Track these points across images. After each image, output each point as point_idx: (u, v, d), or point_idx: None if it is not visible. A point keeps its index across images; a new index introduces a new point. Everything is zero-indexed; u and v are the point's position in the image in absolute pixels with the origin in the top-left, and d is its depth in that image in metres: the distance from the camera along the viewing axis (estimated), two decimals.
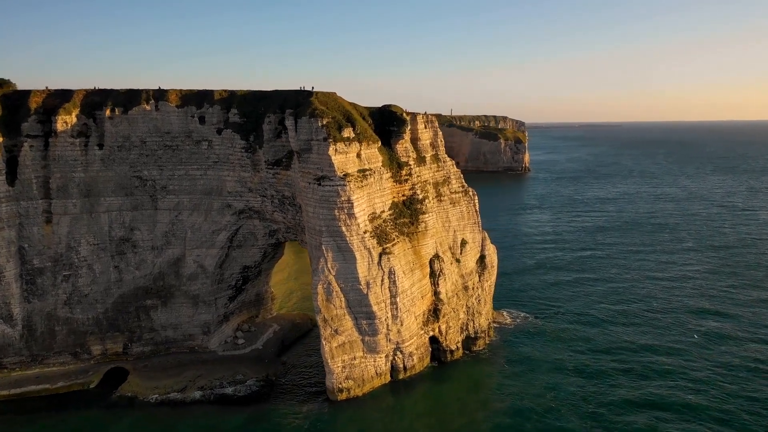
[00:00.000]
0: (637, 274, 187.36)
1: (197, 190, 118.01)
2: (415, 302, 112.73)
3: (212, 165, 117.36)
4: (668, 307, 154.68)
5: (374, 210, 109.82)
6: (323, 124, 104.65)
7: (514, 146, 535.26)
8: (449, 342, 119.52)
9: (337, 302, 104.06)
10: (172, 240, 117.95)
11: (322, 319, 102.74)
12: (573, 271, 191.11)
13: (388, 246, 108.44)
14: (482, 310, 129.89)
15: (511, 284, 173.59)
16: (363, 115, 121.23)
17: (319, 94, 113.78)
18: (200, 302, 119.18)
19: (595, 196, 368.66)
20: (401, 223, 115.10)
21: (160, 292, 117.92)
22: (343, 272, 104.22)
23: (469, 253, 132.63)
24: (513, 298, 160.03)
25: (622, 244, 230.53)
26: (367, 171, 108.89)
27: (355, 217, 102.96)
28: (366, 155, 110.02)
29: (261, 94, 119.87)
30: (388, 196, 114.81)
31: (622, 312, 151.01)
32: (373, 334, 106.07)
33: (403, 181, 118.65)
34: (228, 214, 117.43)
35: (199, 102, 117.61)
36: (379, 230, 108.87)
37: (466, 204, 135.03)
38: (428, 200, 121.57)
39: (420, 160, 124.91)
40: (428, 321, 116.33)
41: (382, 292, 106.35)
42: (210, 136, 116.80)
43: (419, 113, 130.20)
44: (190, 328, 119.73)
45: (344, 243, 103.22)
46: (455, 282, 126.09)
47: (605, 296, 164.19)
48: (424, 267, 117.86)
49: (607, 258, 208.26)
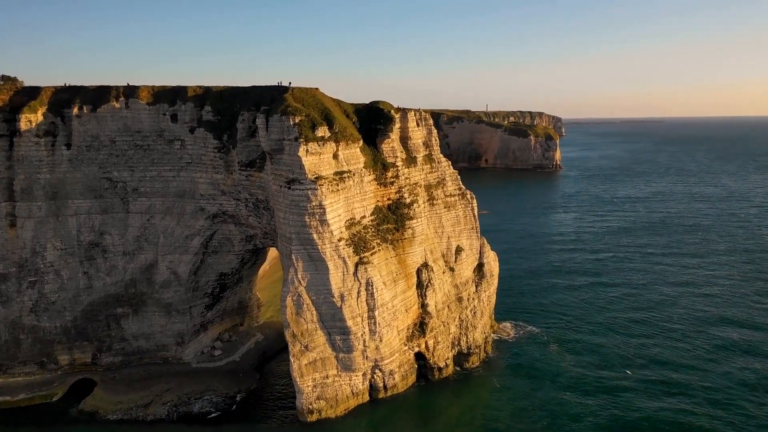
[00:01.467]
0: (659, 279, 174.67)
1: (170, 192, 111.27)
2: (397, 316, 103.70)
3: (185, 166, 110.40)
4: (690, 317, 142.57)
5: (353, 215, 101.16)
6: (295, 123, 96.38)
7: (544, 143, 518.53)
8: (437, 359, 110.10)
9: (308, 316, 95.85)
10: (145, 245, 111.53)
11: (290, 335, 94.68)
12: (589, 275, 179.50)
13: (367, 255, 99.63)
14: (478, 323, 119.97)
15: (519, 291, 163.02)
16: (347, 112, 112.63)
17: (295, 90, 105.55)
18: (173, 311, 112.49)
19: (625, 195, 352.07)
20: (385, 230, 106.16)
21: (132, 300, 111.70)
22: (314, 283, 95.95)
23: (464, 261, 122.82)
24: (519, 308, 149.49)
25: (647, 246, 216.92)
26: (346, 173, 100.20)
27: (327, 224, 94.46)
28: (345, 156, 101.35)
29: (237, 90, 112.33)
30: (371, 200, 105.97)
31: (638, 322, 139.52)
32: (348, 350, 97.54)
33: (389, 183, 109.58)
34: (201, 218, 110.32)
35: (172, 99, 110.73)
36: (358, 237, 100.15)
37: (462, 208, 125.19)
38: (417, 204, 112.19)
39: (410, 161, 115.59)
40: (413, 336, 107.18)
41: (359, 305, 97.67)
42: (182, 135, 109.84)
43: (411, 109, 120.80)
44: (163, 338, 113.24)
45: (316, 252, 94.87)
46: (447, 293, 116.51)
47: (620, 304, 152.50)
48: (410, 277, 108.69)
49: (627, 261, 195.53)
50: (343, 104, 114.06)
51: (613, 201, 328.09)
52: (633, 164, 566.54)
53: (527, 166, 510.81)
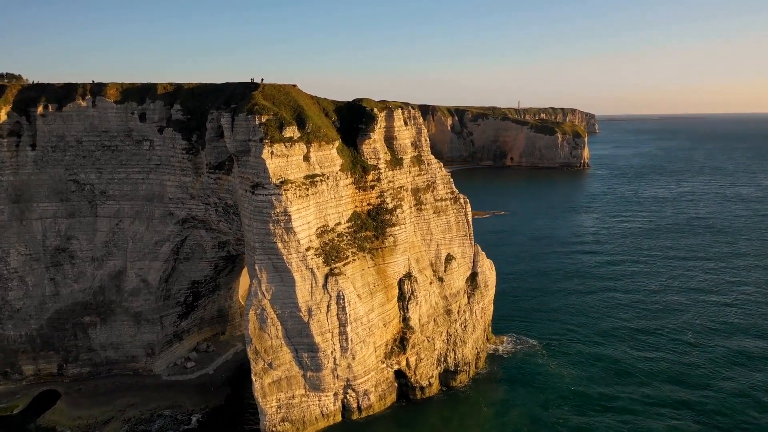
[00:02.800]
0: (677, 285, 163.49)
1: (139, 195, 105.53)
2: (373, 331, 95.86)
3: (154, 168, 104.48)
4: (706, 328, 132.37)
5: (326, 222, 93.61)
6: (261, 122, 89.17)
7: (572, 140, 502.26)
8: (420, 377, 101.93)
9: (273, 331, 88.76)
10: (114, 251, 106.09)
11: (253, 351, 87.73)
12: (602, 281, 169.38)
13: (339, 265, 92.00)
14: (468, 338, 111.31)
15: (523, 299, 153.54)
16: (327, 111, 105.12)
17: (267, 87, 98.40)
18: (143, 320, 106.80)
19: (653, 195, 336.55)
20: (362, 238, 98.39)
21: (100, 309, 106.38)
22: (280, 296, 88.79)
23: (455, 271, 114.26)
24: (521, 317, 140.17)
25: (669, 250, 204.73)
26: (318, 177, 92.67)
27: (294, 232, 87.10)
28: (318, 158, 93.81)
29: (210, 87, 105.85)
30: (348, 206, 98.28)
31: (648, 333, 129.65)
32: (317, 369, 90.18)
33: (369, 187, 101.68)
34: (171, 223, 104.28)
35: (141, 97, 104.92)
36: (330, 246, 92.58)
37: (454, 213, 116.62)
38: (401, 210, 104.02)
39: (395, 163, 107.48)
40: (392, 353, 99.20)
41: (329, 320, 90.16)
42: (151, 136, 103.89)
43: (399, 107, 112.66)
44: (133, 349, 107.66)
45: (281, 262, 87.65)
46: (434, 305, 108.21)
47: (632, 313, 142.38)
48: (390, 289, 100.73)
49: (645, 266, 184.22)
50: (322, 102, 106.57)
51: (639, 201, 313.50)
52: (665, 162, 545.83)
53: (554, 165, 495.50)
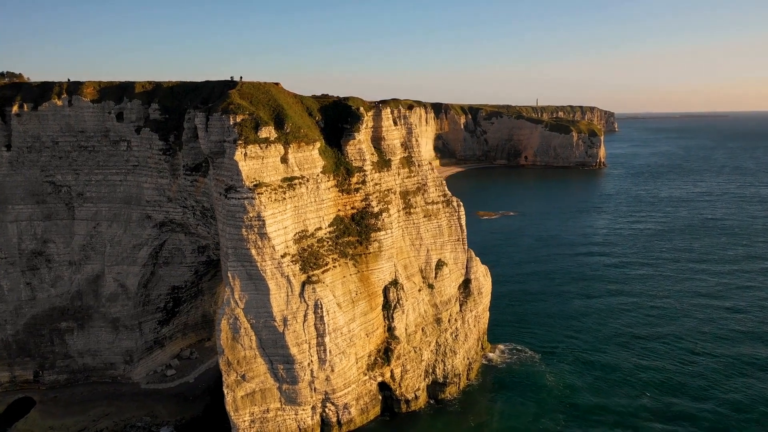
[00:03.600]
0: (686, 290, 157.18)
1: (117, 198, 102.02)
2: (354, 341, 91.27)
3: (132, 169, 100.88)
4: (716, 336, 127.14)
5: (305, 227, 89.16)
6: (235, 122, 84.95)
7: (587, 139, 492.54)
8: (405, 389, 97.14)
9: (246, 342, 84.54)
10: (91, 254, 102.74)
11: (225, 363, 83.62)
12: (608, 285, 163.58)
13: (317, 273, 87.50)
14: (459, 348, 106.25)
15: (524, 305, 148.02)
16: (310, 110, 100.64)
17: (245, 85, 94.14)
18: (121, 327, 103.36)
19: (669, 195, 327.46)
20: (345, 243, 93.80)
21: (77, 314, 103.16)
22: (254, 305, 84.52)
23: (447, 278, 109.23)
24: (521, 324, 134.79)
25: (680, 252, 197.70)
26: (297, 179, 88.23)
27: (268, 238, 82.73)
28: (297, 159, 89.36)
29: (189, 85, 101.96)
30: (330, 210, 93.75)
31: (653, 343, 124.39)
32: (293, 381, 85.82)
33: (354, 190, 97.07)
34: (148, 226, 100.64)
35: (118, 96, 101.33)
36: (308, 253, 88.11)
37: (446, 217, 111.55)
38: (387, 214, 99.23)
39: (382, 165, 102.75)
40: (375, 364, 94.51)
41: (305, 330, 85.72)
42: (128, 136, 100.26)
43: (388, 106, 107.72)
44: (110, 356, 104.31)
45: (255, 269, 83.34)
46: (423, 313, 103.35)
47: (637, 321, 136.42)
48: (375, 297, 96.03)
49: (654, 270, 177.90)
50: (306, 101, 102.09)
51: (653, 202, 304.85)
52: (684, 162, 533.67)
53: (569, 164, 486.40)
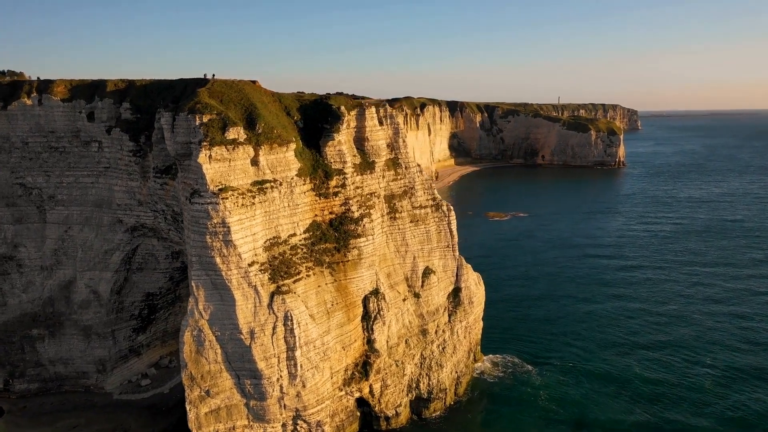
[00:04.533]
0: (698, 297, 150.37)
1: (88, 201, 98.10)
2: (329, 355, 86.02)
3: (103, 171, 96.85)
4: (726, 349, 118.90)
5: (277, 234, 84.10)
6: (202, 123, 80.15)
7: (606, 138, 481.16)
8: (385, 405, 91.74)
9: (211, 355, 79.82)
10: (63, 259, 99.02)
11: (188, 377, 79.09)
12: (615, 292, 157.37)
13: (287, 282, 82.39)
14: (446, 361, 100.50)
15: (526, 311, 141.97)
16: (289, 110, 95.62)
17: (217, 83, 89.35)
18: (93, 335, 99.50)
19: (688, 196, 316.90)
20: (321, 250, 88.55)
21: (49, 321, 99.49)
22: (219, 316, 79.71)
23: (435, 286, 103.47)
24: (519, 333, 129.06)
25: (695, 256, 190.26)
26: (268, 183, 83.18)
27: (234, 246, 77.78)
28: (269, 162, 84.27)
29: (163, 84, 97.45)
30: (306, 215, 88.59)
31: (659, 353, 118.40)
32: (261, 398, 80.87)
33: (332, 194, 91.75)
34: (120, 231, 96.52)
35: (89, 95, 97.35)
36: (279, 261, 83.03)
37: (435, 222, 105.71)
38: (369, 219, 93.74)
39: (365, 167, 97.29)
40: (353, 379, 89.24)
41: (274, 343, 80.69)
42: (99, 136, 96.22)
43: (372, 105, 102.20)
44: (83, 365, 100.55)
45: (220, 279, 78.46)
46: (407, 324, 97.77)
47: (643, 329, 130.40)
48: (353, 307, 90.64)
49: (665, 274, 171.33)
50: (285, 100, 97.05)
51: (671, 203, 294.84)
52: (707, 161, 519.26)
53: (587, 164, 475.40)
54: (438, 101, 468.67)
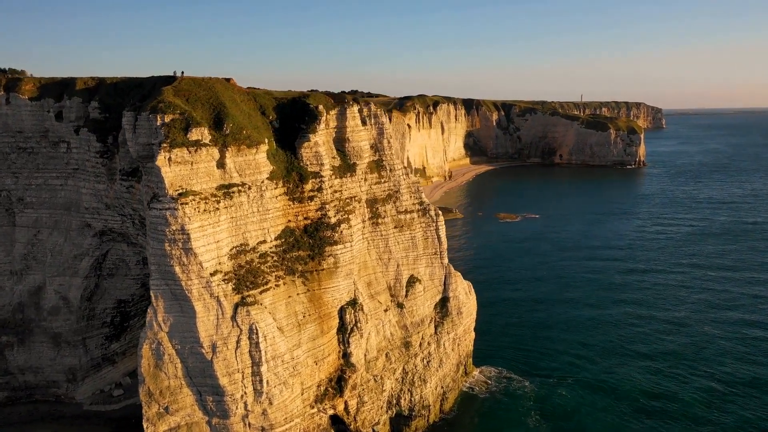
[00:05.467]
0: (709, 310, 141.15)
1: (58, 203, 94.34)
2: (299, 370, 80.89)
3: (72, 173, 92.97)
4: (741, 364, 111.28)
5: (245, 241, 79.19)
6: (163, 123, 75.54)
7: (626, 137, 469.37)
8: (362, 424, 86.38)
9: (171, 370, 75.21)
10: (33, 264, 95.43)
11: (145, 393, 74.61)
12: (625, 293, 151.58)
13: (253, 293, 77.42)
14: (431, 376, 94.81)
15: (526, 319, 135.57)
16: (264, 109, 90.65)
17: (185, 80, 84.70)
18: (63, 342, 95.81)
19: (709, 197, 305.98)
20: (294, 258, 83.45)
21: (18, 328, 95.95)
22: (179, 329, 75.04)
23: (420, 296, 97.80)
24: (516, 343, 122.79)
25: (711, 259, 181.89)
26: (235, 187, 78.30)
27: (194, 254, 72.97)
28: (237, 164, 79.36)
29: (134, 81, 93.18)
30: (278, 220, 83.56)
31: (667, 367, 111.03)
32: (223, 415, 76.06)
33: (307, 198, 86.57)
34: (89, 235, 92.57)
35: (58, 93, 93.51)
36: (246, 270, 78.09)
37: (422, 228, 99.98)
38: (347, 225, 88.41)
39: (345, 169, 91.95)
40: (326, 395, 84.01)
41: (238, 358, 75.78)
42: (68, 137, 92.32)
43: (355, 103, 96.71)
44: (53, 374, 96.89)
45: (179, 289, 73.75)
46: (389, 336, 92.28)
47: (650, 340, 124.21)
48: (328, 319, 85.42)
49: (678, 280, 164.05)
50: (261, 99, 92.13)
51: (691, 205, 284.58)
52: (732, 160, 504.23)
53: (606, 163, 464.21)
54: (453, 99, 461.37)
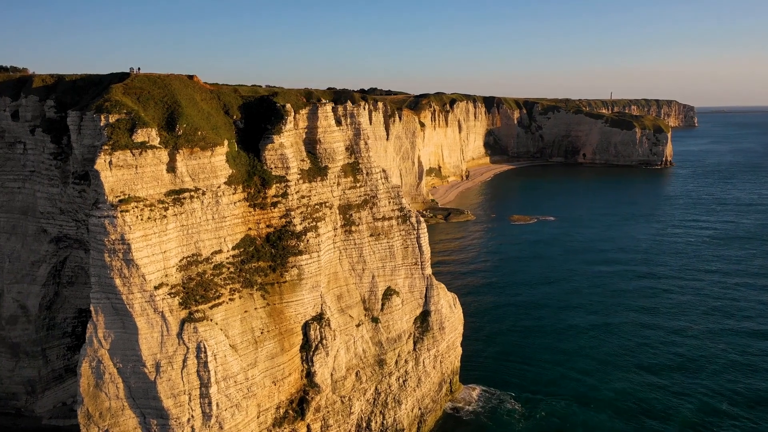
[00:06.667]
0: (726, 320, 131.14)
1: (15, 207, 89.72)
2: (255, 391, 74.67)
3: (29, 175, 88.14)
4: (748, 378, 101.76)
5: (197, 251, 73.20)
6: (107, 123, 69.94)
7: (652, 136, 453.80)
8: None
9: (112, 390, 69.58)
10: None
11: (84, 415, 68.94)
12: (635, 300, 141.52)
13: (203, 308, 71.36)
14: (407, 396, 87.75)
15: (522, 331, 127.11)
16: (228, 108, 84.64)
17: (138, 78, 79.03)
18: (21, 353, 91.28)
19: (736, 199, 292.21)
20: (253, 269, 77.23)
21: None
22: (120, 346, 69.37)
23: (398, 310, 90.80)
24: (510, 358, 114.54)
25: (728, 266, 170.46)
26: (187, 192, 72.40)
27: (136, 266, 67.16)
28: (189, 168, 73.40)
29: (93, 79, 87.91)
30: (237, 228, 77.42)
31: (674, 386, 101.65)
32: None
33: (270, 204, 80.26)
34: (45, 241, 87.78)
35: (16, 92, 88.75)
36: (196, 283, 72.07)
37: (401, 236, 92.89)
38: (315, 233, 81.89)
39: (315, 173, 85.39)
40: (286, 418, 77.65)
41: (184, 378, 69.83)
42: (24, 137, 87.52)
43: (329, 102, 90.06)
44: (12, 386, 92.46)
45: (121, 303, 68.13)
46: (361, 354, 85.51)
47: (657, 358, 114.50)
48: (290, 335, 79.02)
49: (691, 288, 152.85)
50: (225, 97, 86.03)
51: (715, 207, 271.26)
52: (765, 159, 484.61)
53: (631, 163, 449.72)
54: (473, 97, 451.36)
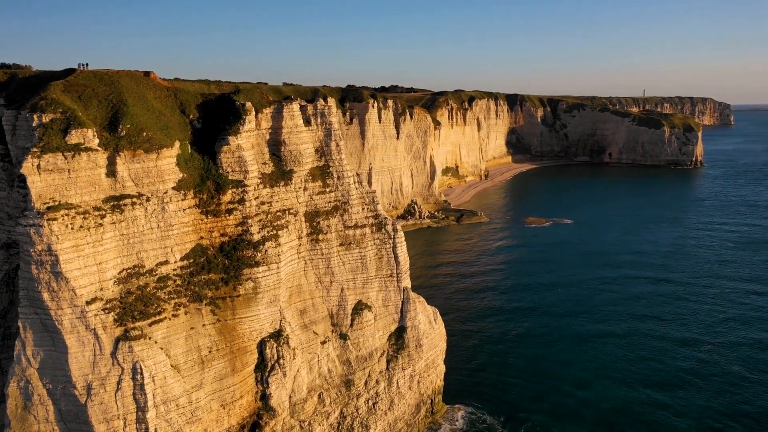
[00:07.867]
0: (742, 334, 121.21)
1: None
2: (200, 416, 68.64)
3: None
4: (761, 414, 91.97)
5: (139, 262, 67.44)
6: (41, 123, 64.57)
7: (682, 135, 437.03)
8: None
9: (41, 413, 64.35)
10: None
11: None
12: (644, 309, 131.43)
13: (140, 325, 65.51)
14: (376, 421, 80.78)
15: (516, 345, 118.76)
16: (184, 106, 78.68)
17: (82, 74, 73.65)
18: None
19: (766, 201, 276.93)
20: (203, 282, 71.15)
21: None
22: (50, 365, 64.14)
23: (370, 325, 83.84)
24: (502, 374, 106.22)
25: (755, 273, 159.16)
26: (129, 198, 66.69)
27: (65, 279, 61.67)
28: (132, 172, 67.62)
29: (47, 75, 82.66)
30: (187, 237, 71.41)
31: (670, 412, 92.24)
32: None
33: (225, 212, 74.05)
34: None
35: None
36: (135, 297, 66.29)
37: (375, 246, 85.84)
38: (276, 243, 75.47)
39: (278, 177, 78.93)
40: None
41: (119, 402, 64.17)
42: None
43: (297, 101, 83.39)
44: None
45: (49, 319, 62.78)
46: (325, 374, 78.84)
47: (663, 376, 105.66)
48: (242, 354, 72.76)
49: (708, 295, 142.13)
50: (183, 95, 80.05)
51: (743, 211, 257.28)
52: None
53: (659, 163, 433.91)
54: (495, 94, 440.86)
